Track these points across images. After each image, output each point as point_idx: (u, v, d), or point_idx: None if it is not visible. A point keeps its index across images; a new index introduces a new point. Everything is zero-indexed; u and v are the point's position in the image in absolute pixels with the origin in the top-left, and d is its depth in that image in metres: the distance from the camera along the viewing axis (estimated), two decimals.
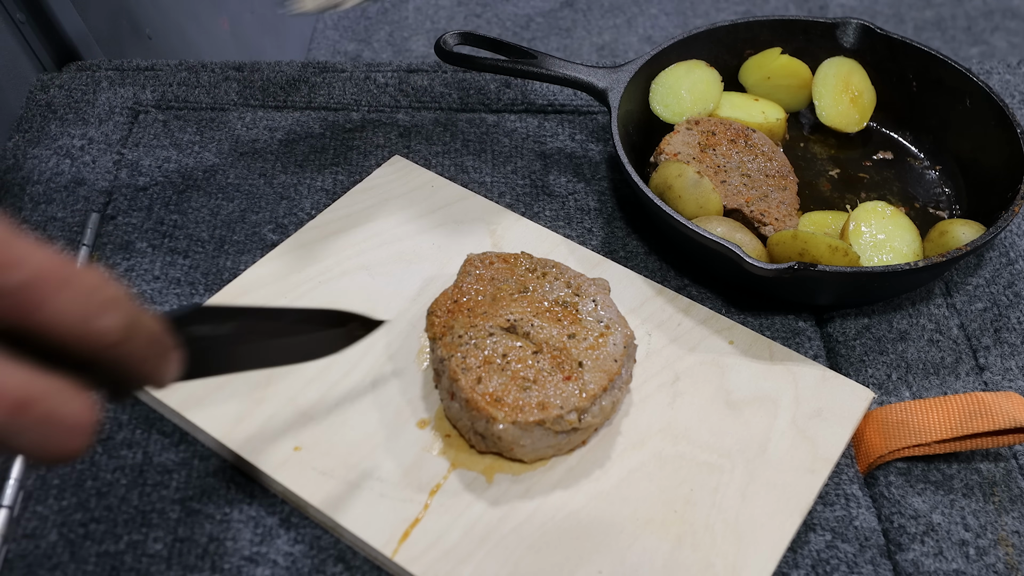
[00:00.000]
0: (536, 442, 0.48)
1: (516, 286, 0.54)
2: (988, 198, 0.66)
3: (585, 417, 0.49)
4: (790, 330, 0.61)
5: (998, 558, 0.51)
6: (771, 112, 0.73)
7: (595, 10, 1.03)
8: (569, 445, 0.50)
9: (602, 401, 0.49)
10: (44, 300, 0.28)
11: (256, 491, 0.50)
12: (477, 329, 0.51)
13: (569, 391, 0.48)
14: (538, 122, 0.76)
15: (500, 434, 0.47)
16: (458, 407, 0.49)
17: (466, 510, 0.48)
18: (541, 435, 0.48)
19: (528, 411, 0.47)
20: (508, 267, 0.55)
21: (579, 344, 0.51)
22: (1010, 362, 0.60)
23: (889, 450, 0.53)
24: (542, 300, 0.53)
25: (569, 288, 0.54)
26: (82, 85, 0.75)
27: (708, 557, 0.47)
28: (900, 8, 1.12)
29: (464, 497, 0.48)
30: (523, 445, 0.48)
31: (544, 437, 0.48)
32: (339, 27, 0.99)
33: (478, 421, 0.48)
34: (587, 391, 0.49)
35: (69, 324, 0.28)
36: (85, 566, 0.47)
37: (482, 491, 0.49)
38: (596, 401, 0.49)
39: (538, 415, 0.47)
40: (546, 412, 0.47)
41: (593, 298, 0.54)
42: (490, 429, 0.47)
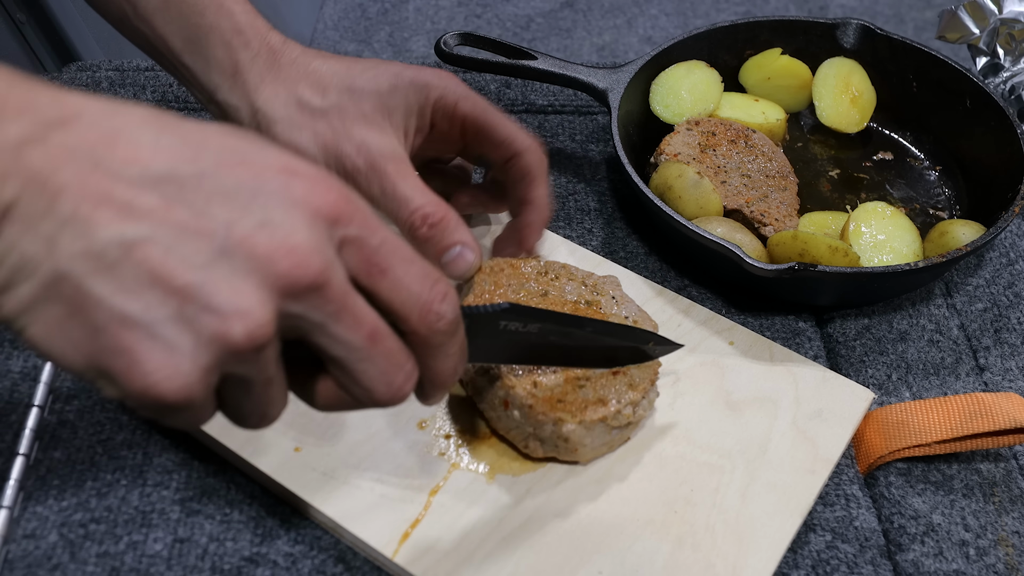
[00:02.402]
0: (595, 439, 0.48)
1: (537, 289, 0.54)
2: (988, 198, 0.67)
3: (638, 410, 0.49)
4: (790, 330, 0.61)
5: (998, 558, 0.51)
6: (771, 112, 0.73)
7: (595, 10, 1.03)
8: (620, 441, 0.51)
9: (650, 394, 0.50)
10: (390, 267, 0.34)
11: (256, 491, 0.50)
12: None
13: (621, 386, 0.49)
14: (538, 122, 0.76)
15: (568, 435, 0.47)
16: (518, 415, 0.49)
17: (466, 511, 0.48)
18: (601, 432, 0.48)
19: (591, 409, 0.48)
20: (517, 272, 0.55)
21: None
22: (1010, 362, 0.60)
23: (889, 450, 0.53)
24: (564, 301, 0.53)
25: (586, 287, 0.54)
26: (82, 85, 0.75)
27: (708, 557, 0.47)
28: (900, 8, 1.12)
29: (464, 498, 0.48)
30: (586, 444, 0.48)
31: (603, 434, 0.49)
32: (339, 27, 1.00)
33: (542, 426, 0.48)
34: (638, 385, 0.49)
35: (408, 297, 0.34)
36: (85, 567, 0.47)
37: (482, 492, 0.49)
38: (646, 394, 0.50)
39: (601, 412, 0.48)
40: (607, 408, 0.48)
41: (612, 294, 0.54)
42: (557, 431, 0.47)
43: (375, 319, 0.34)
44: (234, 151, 0.32)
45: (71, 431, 0.52)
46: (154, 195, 0.30)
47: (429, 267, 0.36)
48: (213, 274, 0.30)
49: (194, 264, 0.30)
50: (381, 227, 0.34)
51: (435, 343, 0.36)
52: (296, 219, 0.31)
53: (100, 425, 0.53)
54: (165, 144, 0.31)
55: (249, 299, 0.30)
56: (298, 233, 0.31)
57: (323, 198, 0.32)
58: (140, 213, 0.30)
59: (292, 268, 0.30)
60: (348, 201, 0.33)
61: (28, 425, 0.51)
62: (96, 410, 0.53)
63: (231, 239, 0.30)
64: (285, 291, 0.31)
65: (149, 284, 0.29)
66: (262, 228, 0.31)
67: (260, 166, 0.32)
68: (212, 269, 0.30)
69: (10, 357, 0.55)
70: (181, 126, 0.33)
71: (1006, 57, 0.79)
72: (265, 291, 0.30)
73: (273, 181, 0.32)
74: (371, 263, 0.34)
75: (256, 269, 0.30)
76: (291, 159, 0.33)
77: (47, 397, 0.53)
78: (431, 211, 0.50)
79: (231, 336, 0.30)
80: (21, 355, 0.56)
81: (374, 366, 0.34)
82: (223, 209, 0.31)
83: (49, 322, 0.30)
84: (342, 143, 0.51)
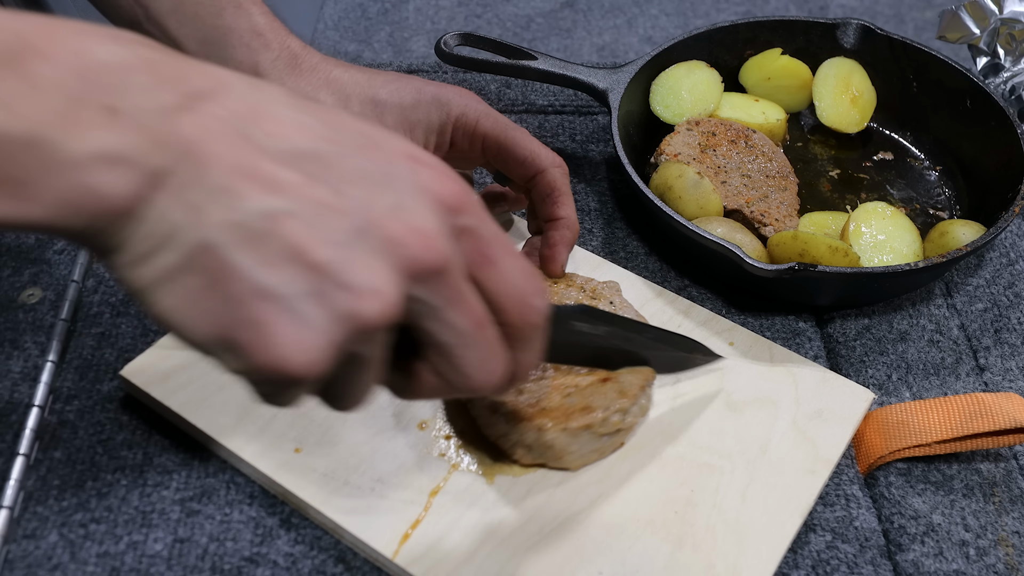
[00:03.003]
0: (582, 447, 0.48)
1: None
2: (988, 198, 0.67)
3: (627, 418, 0.49)
4: (790, 331, 0.61)
5: (998, 558, 0.51)
6: (771, 113, 0.73)
7: (595, 10, 1.03)
8: (611, 447, 0.50)
9: (640, 401, 0.50)
10: (498, 259, 0.34)
11: (256, 491, 0.50)
12: None
13: (610, 393, 0.49)
14: (538, 123, 0.76)
15: (551, 443, 0.47)
16: (503, 422, 0.49)
17: (467, 511, 0.48)
18: (588, 439, 0.48)
19: (576, 416, 0.47)
20: None
21: None
22: (1010, 363, 0.60)
23: (889, 450, 0.53)
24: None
25: (584, 292, 0.54)
26: None
27: (709, 558, 0.47)
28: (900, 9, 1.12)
29: (465, 498, 0.48)
30: (572, 452, 0.48)
31: (590, 441, 0.48)
32: (339, 28, 0.99)
33: (527, 433, 0.48)
34: (627, 392, 0.49)
35: (511, 288, 0.35)
36: (85, 567, 0.47)
37: (483, 492, 0.49)
38: (636, 400, 0.49)
39: (585, 419, 0.47)
40: (592, 415, 0.47)
41: (610, 299, 0.54)
42: (540, 439, 0.47)
43: (482, 307, 0.35)
44: (366, 135, 0.33)
45: (71, 431, 0.52)
46: (297, 171, 0.30)
47: (528, 262, 0.37)
48: (350, 252, 0.30)
49: (333, 241, 0.30)
50: (492, 220, 0.35)
51: (527, 335, 0.37)
52: (424, 205, 0.32)
53: (100, 425, 0.53)
54: (307, 122, 0.32)
55: (382, 278, 0.30)
56: (427, 219, 0.32)
57: (446, 187, 0.33)
58: (284, 187, 0.30)
59: (422, 251, 0.31)
60: (466, 192, 0.34)
61: (28, 425, 0.51)
62: (96, 410, 0.53)
63: (367, 219, 0.31)
64: (413, 273, 0.31)
65: (289, 258, 0.29)
66: (395, 211, 0.31)
67: (390, 151, 0.33)
68: (349, 247, 0.30)
69: (10, 357, 0.55)
70: (317, 107, 0.33)
71: (1006, 57, 0.79)
72: (396, 272, 0.31)
73: (403, 167, 0.32)
74: (482, 253, 0.34)
75: (389, 250, 0.31)
76: (415, 148, 0.34)
77: (47, 397, 0.53)
78: None
79: (364, 313, 0.30)
80: (21, 355, 0.56)
81: (477, 352, 0.35)
82: (360, 190, 0.31)
83: (185, 293, 0.30)
84: None
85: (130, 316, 0.58)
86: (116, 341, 0.57)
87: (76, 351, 0.56)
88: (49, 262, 0.61)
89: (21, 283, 0.60)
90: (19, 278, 0.60)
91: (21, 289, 0.59)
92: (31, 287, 0.60)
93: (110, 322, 0.58)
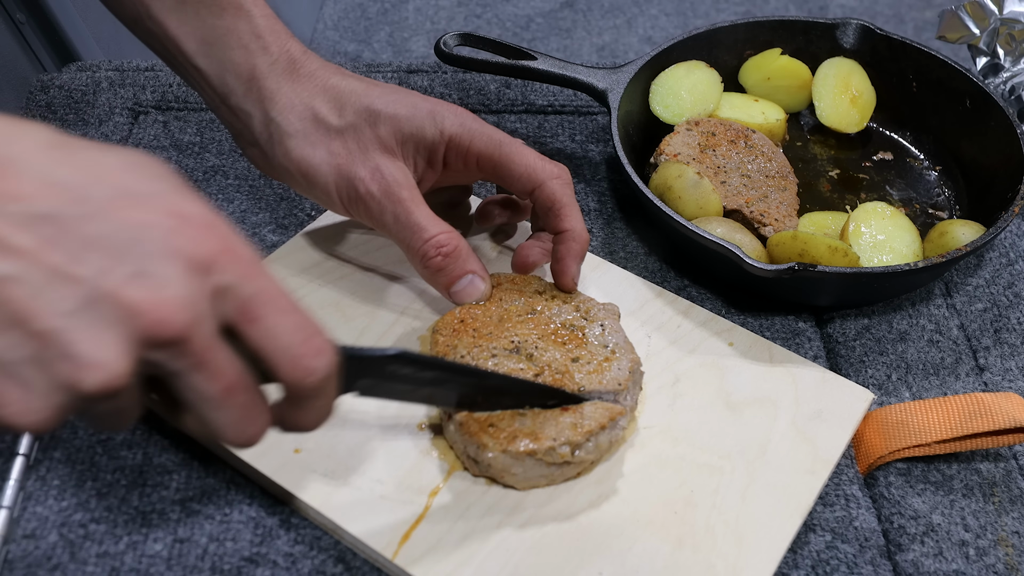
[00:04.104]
0: (528, 471, 0.47)
1: (524, 307, 0.54)
2: (988, 198, 0.67)
3: (579, 452, 0.47)
4: (790, 331, 0.61)
5: (998, 558, 0.51)
6: (771, 113, 0.73)
7: (595, 11, 1.03)
8: (563, 476, 0.49)
9: (599, 438, 0.48)
10: (262, 318, 0.34)
11: (256, 492, 0.50)
12: (480, 349, 0.50)
13: (565, 424, 0.47)
14: (538, 123, 0.76)
15: (490, 462, 0.47)
16: (454, 430, 0.49)
17: (466, 512, 0.48)
18: (533, 465, 0.47)
19: (519, 440, 0.46)
20: (517, 288, 0.55)
21: (582, 368, 0.50)
22: (1010, 362, 0.60)
23: (889, 450, 0.53)
24: (549, 322, 0.53)
25: (578, 312, 0.54)
26: (82, 86, 0.75)
27: (708, 558, 0.47)
28: (900, 9, 1.12)
29: (464, 499, 0.48)
30: (514, 474, 0.47)
31: (536, 467, 0.47)
32: (339, 28, 0.99)
33: (470, 446, 0.48)
34: (583, 426, 0.47)
35: (278, 347, 0.35)
36: (85, 567, 0.47)
37: (482, 493, 0.49)
38: (592, 437, 0.48)
39: (529, 446, 0.46)
40: (538, 443, 0.46)
41: (601, 322, 0.53)
42: (481, 455, 0.47)
43: (234, 372, 0.35)
44: (127, 192, 0.33)
45: (71, 431, 0.52)
46: (32, 234, 0.30)
47: (307, 320, 0.36)
48: (76, 322, 0.30)
49: (59, 310, 0.30)
50: (261, 276, 0.35)
51: (303, 395, 0.37)
52: (172, 269, 0.32)
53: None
54: (57, 178, 0.32)
55: (107, 351, 0.31)
56: (170, 286, 0.32)
57: (203, 246, 0.33)
58: (17, 252, 0.30)
59: (157, 323, 0.31)
60: (228, 249, 0.34)
61: None
62: None
63: (101, 288, 0.31)
64: (147, 343, 0.32)
65: (14, 324, 0.30)
66: (134, 279, 0.31)
67: (149, 209, 0.33)
68: (76, 317, 0.30)
69: None
70: (80, 157, 0.33)
71: (1006, 57, 0.79)
72: (127, 342, 0.31)
73: (158, 228, 0.32)
74: (243, 311, 0.34)
75: (121, 320, 0.31)
76: (183, 202, 0.34)
77: None
78: (444, 241, 0.51)
79: (84, 385, 0.31)
80: None
81: (226, 416, 0.35)
82: (99, 256, 0.31)
83: None
84: (356, 167, 0.51)
85: None
86: None
87: None
88: None
89: None
90: None
91: None
92: None
93: None
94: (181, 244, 0.32)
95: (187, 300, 0.32)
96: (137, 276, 0.31)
